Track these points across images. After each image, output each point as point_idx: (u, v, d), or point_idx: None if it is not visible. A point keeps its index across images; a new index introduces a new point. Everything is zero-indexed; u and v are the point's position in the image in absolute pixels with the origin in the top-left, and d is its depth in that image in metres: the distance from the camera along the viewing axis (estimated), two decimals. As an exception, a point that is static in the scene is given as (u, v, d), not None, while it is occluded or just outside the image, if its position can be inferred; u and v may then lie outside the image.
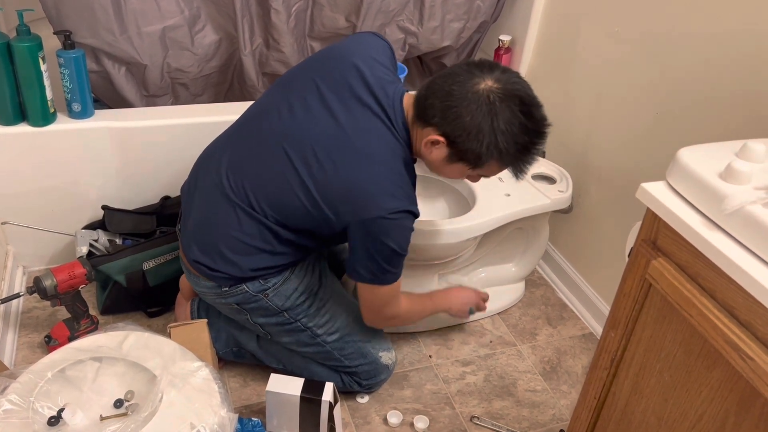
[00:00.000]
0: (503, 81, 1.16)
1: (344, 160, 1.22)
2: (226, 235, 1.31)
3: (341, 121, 1.23)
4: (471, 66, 1.18)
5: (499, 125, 1.15)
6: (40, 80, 1.54)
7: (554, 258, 1.99)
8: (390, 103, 1.24)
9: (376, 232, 1.21)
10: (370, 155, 1.22)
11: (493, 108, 1.14)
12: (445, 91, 1.17)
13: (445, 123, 1.17)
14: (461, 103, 1.15)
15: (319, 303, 1.42)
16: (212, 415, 1.09)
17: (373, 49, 1.32)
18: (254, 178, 1.29)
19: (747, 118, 1.31)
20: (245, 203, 1.29)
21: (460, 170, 1.25)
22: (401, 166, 1.24)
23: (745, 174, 0.82)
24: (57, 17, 1.57)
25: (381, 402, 1.55)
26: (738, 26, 1.30)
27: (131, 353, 1.19)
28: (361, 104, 1.24)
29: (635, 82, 1.59)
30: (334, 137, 1.23)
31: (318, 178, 1.22)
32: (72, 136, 1.64)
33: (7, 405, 1.06)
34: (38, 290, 1.47)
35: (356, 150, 1.22)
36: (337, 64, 1.28)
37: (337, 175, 1.22)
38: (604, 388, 1.09)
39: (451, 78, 1.18)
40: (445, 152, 1.21)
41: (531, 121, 1.17)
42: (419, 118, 1.22)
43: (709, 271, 0.83)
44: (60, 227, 1.75)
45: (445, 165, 1.25)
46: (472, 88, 1.15)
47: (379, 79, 1.26)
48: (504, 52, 1.97)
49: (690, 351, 0.89)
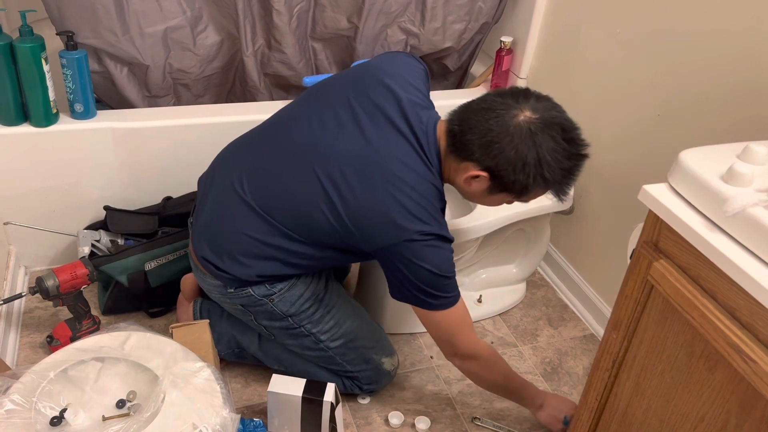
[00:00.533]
0: (540, 110, 1.16)
1: (373, 183, 1.20)
2: (238, 237, 1.30)
3: (372, 141, 1.22)
4: (506, 97, 1.18)
5: (544, 156, 1.15)
6: (43, 81, 1.54)
7: (555, 259, 1.99)
8: (423, 129, 1.23)
9: (407, 255, 1.20)
10: (401, 180, 1.20)
11: (536, 139, 1.14)
12: (484, 127, 1.16)
13: (488, 158, 1.17)
14: (503, 139, 1.14)
15: (324, 309, 1.41)
16: (214, 416, 1.09)
17: (408, 71, 1.32)
18: (276, 186, 1.28)
19: (749, 119, 1.31)
20: (263, 210, 1.28)
21: (501, 200, 1.26)
22: (431, 193, 1.23)
23: (747, 176, 0.82)
24: (59, 18, 1.57)
25: (382, 403, 1.56)
26: (740, 26, 1.31)
27: (133, 353, 1.19)
28: (394, 128, 1.23)
29: (637, 84, 1.59)
30: (364, 157, 1.22)
31: (346, 196, 1.21)
32: (74, 136, 1.65)
33: (9, 405, 1.06)
34: (40, 290, 1.47)
35: (386, 173, 1.20)
36: (372, 83, 1.27)
37: (366, 196, 1.20)
38: (605, 390, 1.09)
39: (488, 113, 1.17)
40: (487, 185, 1.21)
41: (573, 146, 1.18)
42: (455, 153, 1.21)
43: (711, 272, 0.83)
44: (62, 227, 1.75)
45: (485, 196, 1.25)
46: (512, 121, 1.15)
47: (414, 105, 1.25)
48: (505, 53, 1.97)
49: (691, 353, 0.89)
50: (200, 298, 1.60)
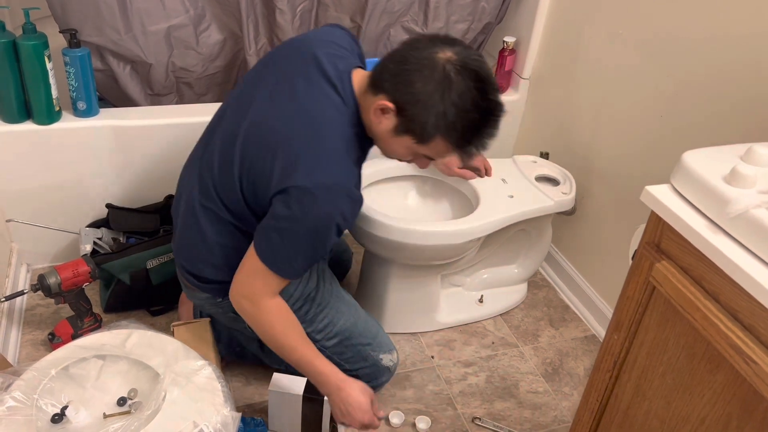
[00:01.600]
0: (463, 55, 1.10)
1: (283, 121, 1.15)
2: (207, 245, 1.29)
3: (295, 97, 1.18)
4: (434, 38, 1.13)
5: (451, 97, 1.08)
6: (46, 78, 1.55)
7: (557, 260, 1.99)
8: (338, 75, 1.19)
9: (290, 203, 1.12)
10: (311, 111, 1.15)
11: (448, 78, 1.08)
12: (401, 56, 1.12)
13: (397, 90, 1.11)
14: (415, 69, 1.09)
15: (317, 309, 1.40)
16: (215, 414, 1.09)
17: (333, 35, 1.28)
18: (213, 178, 1.25)
19: (752, 121, 1.31)
20: (216, 208, 1.25)
21: (406, 145, 1.17)
22: (349, 139, 1.17)
23: (750, 178, 0.82)
24: (63, 16, 1.57)
25: (383, 402, 1.56)
26: (743, 29, 1.30)
27: (134, 351, 1.19)
28: (310, 79, 1.19)
29: (640, 85, 1.59)
30: (284, 111, 1.18)
31: (249, 145, 1.17)
32: (77, 134, 1.65)
33: (11, 402, 1.06)
34: (42, 288, 1.48)
35: (296, 106, 1.15)
36: (297, 55, 1.23)
37: (269, 136, 1.15)
38: (606, 391, 1.09)
39: (410, 45, 1.13)
40: (394, 122, 1.14)
41: (484, 99, 1.11)
42: (372, 86, 1.16)
43: (713, 274, 0.83)
44: (64, 225, 1.75)
45: (392, 138, 1.17)
46: (430, 56, 1.09)
47: (331, 56, 1.21)
48: (508, 53, 1.97)
49: (693, 354, 0.89)
50: None
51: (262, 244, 1.17)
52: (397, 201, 1.76)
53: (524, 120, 2.08)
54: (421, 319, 1.76)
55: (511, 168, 1.79)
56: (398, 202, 1.77)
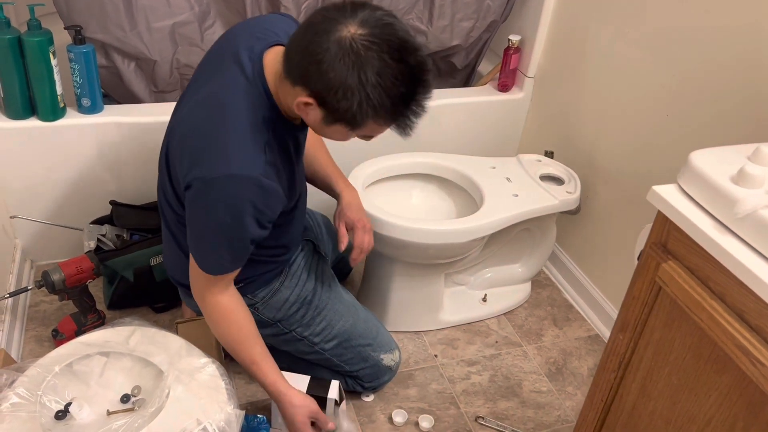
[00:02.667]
0: (370, 24, 0.97)
1: (194, 113, 1.11)
2: (175, 252, 1.29)
3: (209, 83, 1.13)
4: (329, 10, 1.00)
5: (368, 78, 0.97)
6: (51, 75, 1.55)
7: (561, 259, 1.99)
8: (250, 57, 1.10)
9: (195, 198, 1.07)
10: (215, 98, 1.08)
11: (359, 59, 0.96)
12: (304, 44, 0.99)
13: (311, 82, 1.00)
14: (323, 57, 0.97)
15: (314, 311, 1.39)
16: (219, 412, 1.09)
17: (268, 22, 1.20)
18: (163, 184, 1.23)
19: (760, 121, 1.30)
20: (173, 214, 1.24)
21: (341, 132, 1.08)
22: (257, 123, 1.08)
23: (757, 178, 0.81)
24: (67, 12, 1.57)
25: (386, 401, 1.55)
26: (751, 27, 1.30)
27: (138, 348, 1.19)
28: (222, 65, 1.12)
29: (645, 83, 1.58)
30: (195, 101, 1.13)
31: (171, 143, 1.15)
32: (81, 131, 1.65)
33: (14, 398, 1.06)
34: (46, 284, 1.48)
35: (204, 93, 1.10)
36: (224, 46, 1.17)
37: (184, 123, 1.12)
38: (611, 391, 1.09)
39: (309, 30, 1.00)
40: (320, 114, 1.04)
41: (406, 67, 0.98)
42: (288, 76, 1.05)
43: (720, 274, 0.83)
44: (68, 222, 1.75)
45: (324, 128, 1.08)
46: (333, 37, 0.97)
47: (251, 39, 1.13)
48: (513, 51, 1.96)
49: (699, 355, 0.89)
50: None
51: (191, 247, 1.15)
52: (401, 199, 1.76)
53: (529, 118, 2.08)
54: (425, 317, 1.76)
55: (516, 167, 1.79)
56: (402, 201, 1.76)
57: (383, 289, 1.70)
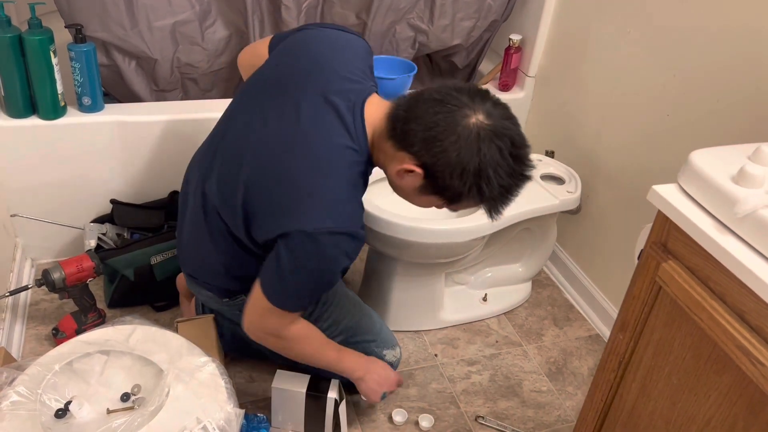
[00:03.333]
0: (495, 117, 1.05)
1: (291, 158, 1.10)
2: (208, 254, 1.29)
3: (298, 121, 1.13)
4: (461, 93, 1.06)
5: (486, 167, 1.04)
6: (51, 74, 1.55)
7: (561, 259, 1.99)
8: (349, 108, 1.13)
9: (294, 248, 1.09)
10: (318, 147, 1.10)
11: (482, 147, 1.03)
12: (431, 120, 1.05)
13: (427, 155, 1.05)
14: (448, 137, 1.03)
15: (321, 308, 1.40)
16: (218, 410, 1.09)
17: (346, 51, 1.22)
18: (215, 199, 1.23)
19: (760, 120, 1.30)
20: (217, 225, 1.24)
21: (431, 202, 1.15)
22: (355, 176, 1.13)
23: (758, 177, 0.81)
24: (68, 11, 1.57)
25: (386, 400, 1.55)
26: (751, 27, 1.29)
27: (138, 347, 1.19)
28: (317, 111, 1.14)
29: (646, 83, 1.58)
30: (285, 136, 1.13)
31: (252, 174, 1.14)
32: (82, 129, 1.65)
33: (14, 397, 1.06)
34: (46, 283, 1.48)
35: (307, 149, 1.11)
36: (307, 80, 1.17)
37: (271, 167, 1.12)
38: (611, 390, 1.09)
39: (438, 106, 1.05)
40: (420, 183, 1.10)
41: (518, 164, 1.07)
42: (394, 139, 1.10)
43: (720, 274, 0.83)
44: (69, 220, 1.75)
45: (415, 194, 1.15)
46: (462, 121, 1.03)
47: (343, 82, 1.16)
48: (514, 51, 1.96)
49: (699, 355, 0.89)
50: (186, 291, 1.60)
51: (268, 285, 1.16)
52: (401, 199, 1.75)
53: (530, 118, 2.08)
54: (425, 317, 1.76)
55: (517, 166, 1.78)
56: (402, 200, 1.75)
57: (384, 288, 1.70)
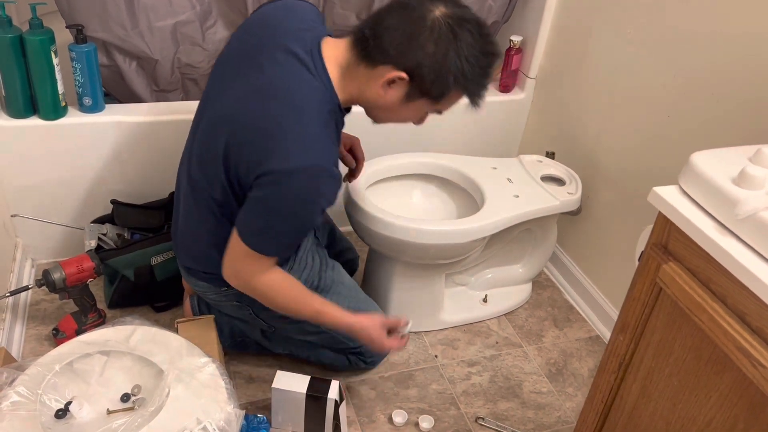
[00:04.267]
0: (451, 5, 1.11)
1: (259, 103, 1.12)
2: (207, 239, 1.30)
3: (265, 73, 1.15)
4: None
5: (463, 51, 1.10)
6: (52, 74, 1.55)
7: (562, 260, 1.99)
8: (307, 50, 1.14)
9: (270, 187, 1.11)
10: (284, 90, 1.12)
11: (453, 33, 1.09)
12: (399, 24, 1.10)
13: (407, 57, 1.10)
14: (422, 33, 1.08)
15: (321, 293, 1.41)
16: (219, 411, 1.09)
17: (302, 15, 1.23)
18: (200, 171, 1.24)
19: (761, 122, 1.30)
20: (207, 203, 1.25)
21: (419, 108, 1.19)
22: (325, 114, 1.14)
23: (759, 179, 0.81)
24: (69, 11, 1.57)
25: (386, 401, 1.55)
26: (752, 29, 1.29)
27: (138, 347, 1.19)
28: (278, 60, 1.15)
29: (647, 84, 1.58)
30: (253, 88, 1.14)
31: (228, 134, 1.14)
32: (82, 130, 1.65)
33: (15, 397, 1.06)
34: (47, 283, 1.48)
35: (273, 92, 1.12)
36: (271, 37, 1.19)
37: (244, 119, 1.13)
38: (611, 392, 1.09)
39: (402, 10, 1.11)
40: (405, 90, 1.14)
41: (488, 43, 1.14)
42: (367, 60, 1.13)
43: (721, 276, 0.83)
44: (69, 221, 1.75)
45: (402, 106, 1.17)
46: (428, 15, 1.09)
47: (298, 33, 1.17)
48: (515, 52, 1.96)
49: (700, 356, 0.89)
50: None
51: (244, 228, 1.17)
52: (402, 199, 1.76)
53: (530, 119, 2.08)
54: (425, 318, 1.76)
55: (517, 167, 1.79)
56: (403, 201, 1.76)
57: (384, 289, 1.70)
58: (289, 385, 1.36)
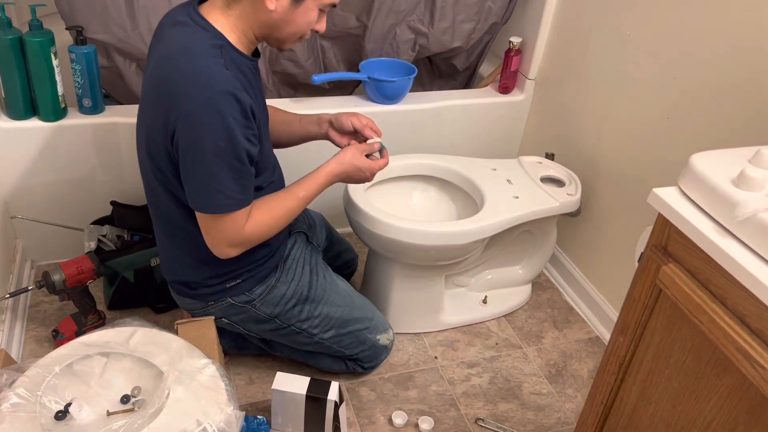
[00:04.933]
0: None
1: (161, 71, 1.14)
2: (179, 249, 1.31)
3: (159, 51, 1.18)
4: None
5: None
6: (52, 75, 1.55)
7: (562, 261, 1.99)
8: (187, 12, 1.17)
9: (185, 131, 1.10)
10: (175, 54, 1.13)
11: None
12: None
13: None
14: None
15: (311, 306, 1.42)
16: (218, 412, 1.09)
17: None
18: (150, 167, 1.24)
19: (760, 123, 1.30)
20: (165, 203, 1.26)
21: (311, 7, 1.17)
22: (218, 52, 1.13)
23: (758, 181, 0.81)
24: (69, 13, 1.58)
25: (386, 402, 1.55)
26: (751, 30, 1.30)
27: (138, 349, 1.19)
28: (167, 31, 1.19)
29: (646, 86, 1.58)
30: (156, 61, 1.17)
31: (147, 113, 1.20)
32: (82, 131, 1.65)
33: (14, 399, 1.06)
34: (46, 284, 1.48)
35: (166, 59, 1.14)
36: (161, 30, 1.23)
37: (155, 88, 1.15)
38: (611, 393, 1.09)
39: None
40: None
41: None
42: None
43: (721, 277, 0.83)
44: (69, 222, 1.75)
45: (293, 11, 1.16)
46: None
47: (173, 13, 1.21)
48: (514, 53, 1.96)
49: (700, 358, 0.89)
50: None
51: (193, 197, 1.16)
52: (401, 201, 1.76)
53: (530, 120, 2.08)
54: (425, 319, 1.76)
55: (517, 169, 1.79)
56: (403, 202, 1.76)
57: (383, 290, 1.70)
58: (288, 386, 1.36)
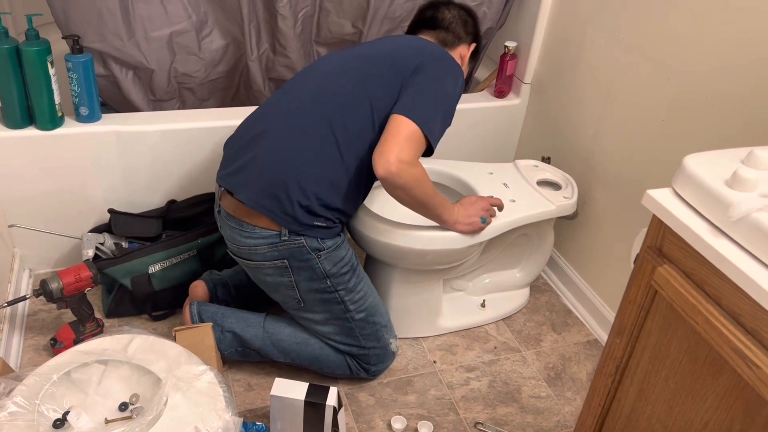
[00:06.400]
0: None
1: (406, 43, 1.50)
2: (307, 166, 1.36)
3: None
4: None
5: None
6: (49, 84, 1.55)
7: (559, 264, 1.99)
8: None
9: (430, 66, 1.40)
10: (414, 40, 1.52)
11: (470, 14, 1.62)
12: (439, 19, 1.59)
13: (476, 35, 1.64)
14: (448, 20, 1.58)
15: (357, 279, 1.47)
16: (217, 419, 1.09)
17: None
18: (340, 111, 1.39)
19: (753, 125, 1.31)
20: (329, 134, 1.37)
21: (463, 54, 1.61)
22: None
23: (751, 181, 0.82)
24: (65, 22, 1.58)
25: (385, 407, 1.55)
26: (745, 32, 1.30)
27: (136, 356, 1.19)
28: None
29: (641, 89, 1.59)
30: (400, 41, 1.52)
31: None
32: (79, 139, 1.65)
33: (12, 407, 1.06)
34: (44, 293, 1.48)
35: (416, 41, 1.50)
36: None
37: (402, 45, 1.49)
38: (609, 395, 1.09)
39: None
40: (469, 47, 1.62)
41: None
42: (457, 41, 1.59)
43: (715, 278, 0.83)
44: (66, 230, 1.75)
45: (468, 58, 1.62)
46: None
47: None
48: (510, 58, 1.97)
49: (696, 358, 0.89)
50: (197, 301, 1.59)
51: (413, 108, 1.34)
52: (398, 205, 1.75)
53: (526, 124, 2.08)
54: (423, 323, 1.76)
55: (513, 172, 1.79)
56: (400, 207, 1.76)
57: (382, 295, 1.69)
58: (287, 392, 1.36)
